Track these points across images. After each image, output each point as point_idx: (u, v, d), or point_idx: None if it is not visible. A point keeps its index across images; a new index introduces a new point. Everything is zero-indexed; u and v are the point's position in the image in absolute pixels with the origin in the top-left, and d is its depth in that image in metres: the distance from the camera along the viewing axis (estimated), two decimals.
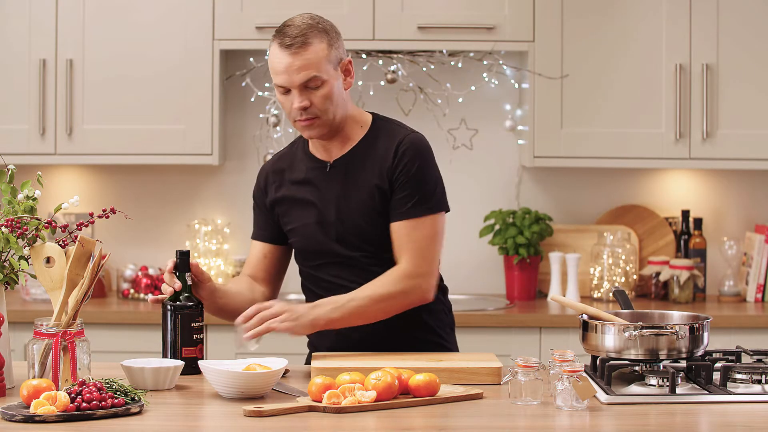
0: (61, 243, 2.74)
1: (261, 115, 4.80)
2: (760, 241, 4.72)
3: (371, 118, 3.14)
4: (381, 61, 4.74)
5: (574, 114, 4.59)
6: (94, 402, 2.43)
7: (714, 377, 2.74)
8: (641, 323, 2.77)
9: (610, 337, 2.74)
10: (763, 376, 2.70)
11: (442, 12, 4.58)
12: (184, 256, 2.95)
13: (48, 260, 2.72)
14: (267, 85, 4.78)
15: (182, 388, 2.75)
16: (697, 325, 2.75)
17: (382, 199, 3.04)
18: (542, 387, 2.59)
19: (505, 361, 2.99)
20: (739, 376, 2.73)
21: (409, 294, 3.02)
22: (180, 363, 2.78)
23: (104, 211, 2.78)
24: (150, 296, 2.98)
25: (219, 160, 4.64)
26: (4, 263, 2.72)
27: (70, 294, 2.68)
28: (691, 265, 4.67)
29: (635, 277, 4.78)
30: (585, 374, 2.59)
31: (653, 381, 2.70)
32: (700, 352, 2.76)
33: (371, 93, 4.84)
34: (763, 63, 4.58)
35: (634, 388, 2.69)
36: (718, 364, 2.76)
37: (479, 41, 4.59)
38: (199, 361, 2.70)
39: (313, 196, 3.11)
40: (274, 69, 3.00)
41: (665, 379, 2.68)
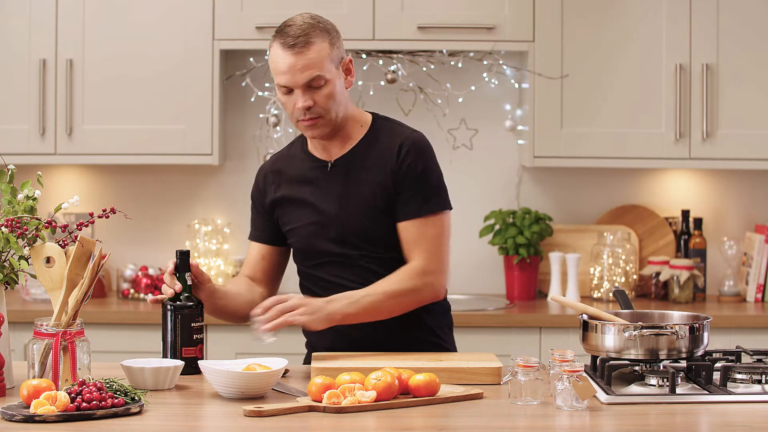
0: (61, 243, 2.74)
1: (261, 115, 4.81)
2: (760, 241, 4.72)
3: (371, 118, 3.15)
4: (381, 61, 4.74)
5: (574, 114, 4.59)
6: (94, 402, 2.43)
7: (714, 377, 2.74)
8: (641, 323, 2.77)
9: (610, 337, 2.74)
10: (763, 376, 2.70)
11: (442, 12, 4.58)
12: (184, 257, 2.95)
13: (48, 260, 2.72)
14: (267, 85, 4.78)
15: (182, 388, 2.75)
16: (697, 325, 2.75)
17: (385, 197, 3.05)
18: (542, 387, 2.59)
19: (505, 361, 2.99)
20: (739, 376, 2.73)
21: (422, 291, 3.04)
22: (180, 363, 2.78)
23: (104, 211, 2.78)
24: (150, 296, 2.98)
25: (219, 160, 4.64)
26: (4, 263, 2.72)
27: (70, 294, 2.68)
28: (691, 265, 4.67)
29: (635, 277, 4.78)
30: (585, 374, 2.59)
31: (653, 381, 2.70)
32: (700, 352, 2.76)
33: (371, 93, 4.84)
34: (763, 63, 4.58)
35: (634, 388, 2.69)
36: (718, 364, 2.76)
37: (479, 41, 4.59)
38: (199, 361, 2.70)
39: (313, 195, 3.11)
40: (277, 69, 2.99)
41: (665, 379, 2.68)
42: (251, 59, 4.77)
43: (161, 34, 4.59)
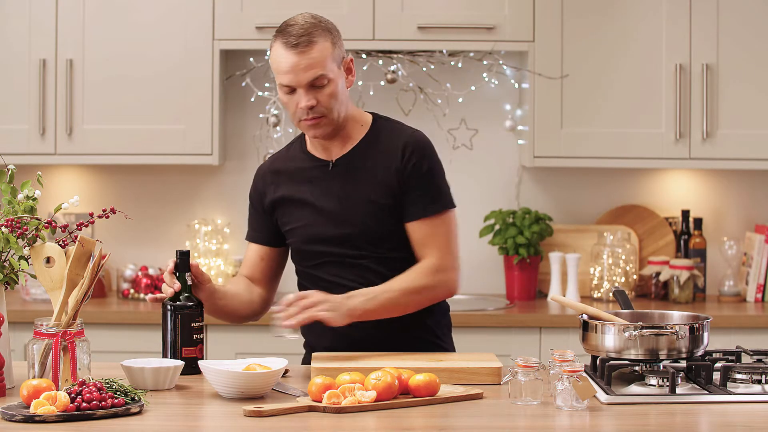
0: (61, 243, 2.74)
1: (261, 115, 4.80)
2: (760, 241, 4.72)
3: (372, 118, 3.15)
4: (381, 61, 4.74)
5: (574, 114, 4.59)
6: (94, 402, 2.42)
7: (714, 377, 2.74)
8: (641, 323, 2.77)
9: (610, 337, 2.74)
10: (763, 376, 2.70)
11: (442, 12, 4.58)
12: (184, 257, 2.95)
13: (48, 260, 2.72)
14: (267, 85, 4.78)
15: (182, 388, 2.75)
16: (697, 325, 2.75)
17: (390, 197, 3.05)
18: (542, 387, 2.59)
19: (505, 361, 2.99)
20: (739, 376, 2.73)
21: (437, 288, 3.06)
22: (180, 363, 2.78)
23: (104, 211, 2.78)
24: (150, 296, 2.97)
25: (219, 160, 4.64)
26: (4, 263, 2.72)
27: (70, 294, 2.68)
28: (691, 265, 4.67)
29: (635, 277, 4.77)
30: (585, 374, 2.59)
31: (653, 381, 2.70)
32: (700, 352, 2.76)
33: (371, 93, 4.84)
34: (763, 63, 4.58)
35: (634, 388, 2.69)
36: (718, 364, 2.76)
37: (479, 41, 4.59)
38: (199, 361, 2.70)
39: (314, 195, 3.11)
40: (279, 69, 2.99)
41: (665, 379, 2.68)
42: (251, 59, 4.77)
43: (161, 34, 4.59)
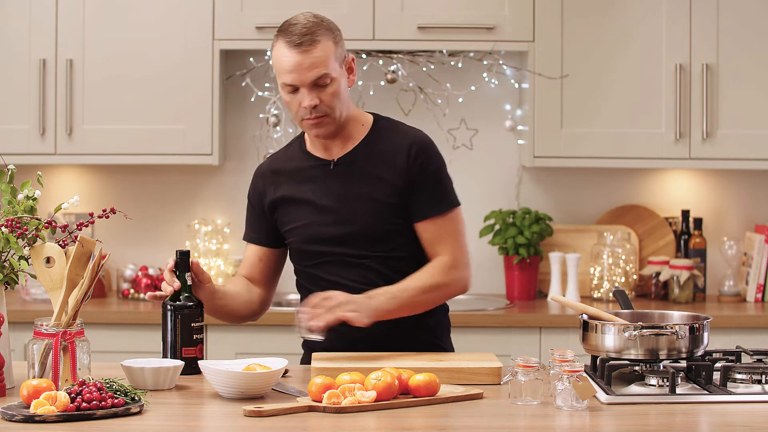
0: (61, 243, 2.74)
1: (261, 115, 4.80)
2: (760, 241, 4.72)
3: (372, 118, 3.15)
4: (381, 61, 4.74)
5: (574, 114, 4.59)
6: (94, 402, 2.42)
7: (714, 377, 2.74)
8: (641, 323, 2.77)
9: (610, 337, 2.74)
10: (763, 376, 2.70)
11: (442, 12, 4.58)
12: (184, 256, 2.95)
13: (48, 260, 2.72)
14: (267, 85, 4.78)
15: (182, 388, 2.75)
16: (697, 325, 2.75)
17: (395, 196, 3.05)
18: (542, 387, 2.59)
19: (505, 361, 2.99)
20: (739, 376, 2.73)
21: (452, 285, 3.08)
22: (180, 363, 2.78)
23: (104, 211, 2.78)
24: (150, 293, 2.97)
25: (219, 160, 4.64)
26: (4, 263, 2.72)
27: (70, 294, 2.68)
28: (691, 265, 4.67)
29: (635, 277, 4.77)
30: (585, 374, 2.59)
31: (653, 381, 2.70)
32: (700, 352, 2.76)
33: (371, 93, 4.83)
34: (763, 63, 4.58)
35: (634, 388, 2.69)
36: (718, 364, 2.76)
37: (479, 41, 4.59)
38: (199, 361, 2.70)
39: (315, 194, 3.10)
40: (282, 68, 2.98)
41: (665, 379, 2.68)
42: (251, 59, 4.77)
43: (161, 34, 4.59)
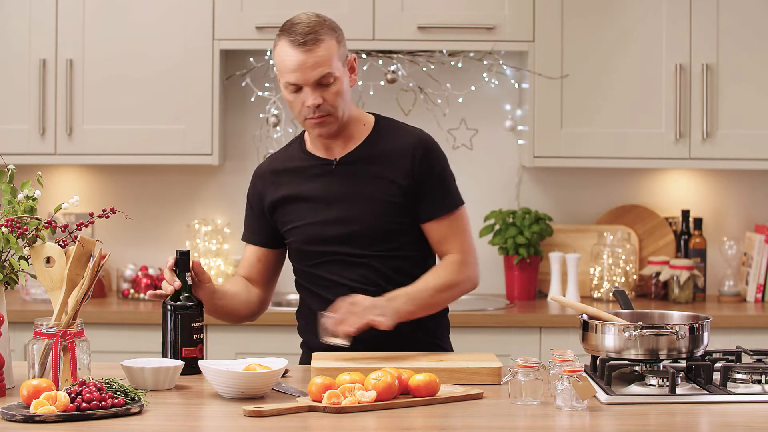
0: (61, 243, 2.74)
1: (261, 115, 4.80)
2: (760, 241, 4.72)
3: (373, 118, 3.15)
4: (381, 61, 4.74)
5: (574, 114, 4.59)
6: (94, 402, 2.42)
7: (714, 377, 2.74)
8: (641, 323, 2.77)
9: (610, 337, 2.74)
10: (763, 376, 2.70)
11: (442, 12, 4.58)
12: (184, 256, 2.95)
13: (48, 260, 2.71)
14: (267, 85, 4.78)
15: (182, 388, 2.75)
16: (697, 325, 2.75)
17: (400, 196, 3.06)
18: (542, 387, 2.59)
19: (505, 361, 2.99)
20: (739, 376, 2.73)
21: (464, 283, 3.11)
22: (180, 363, 2.78)
23: (104, 211, 2.78)
24: (149, 293, 2.97)
25: (219, 160, 4.64)
26: (4, 263, 2.72)
27: (70, 294, 2.67)
28: (691, 265, 4.67)
29: (635, 277, 4.77)
30: (585, 374, 2.59)
31: (653, 381, 2.70)
32: (700, 352, 2.76)
33: (371, 93, 4.83)
34: (763, 63, 4.58)
35: (634, 388, 2.69)
36: (718, 364, 2.76)
37: (479, 41, 4.59)
38: (199, 361, 2.70)
39: (317, 193, 3.10)
40: (285, 67, 2.98)
41: (665, 379, 2.68)
42: (251, 59, 4.77)
43: (161, 34, 4.59)
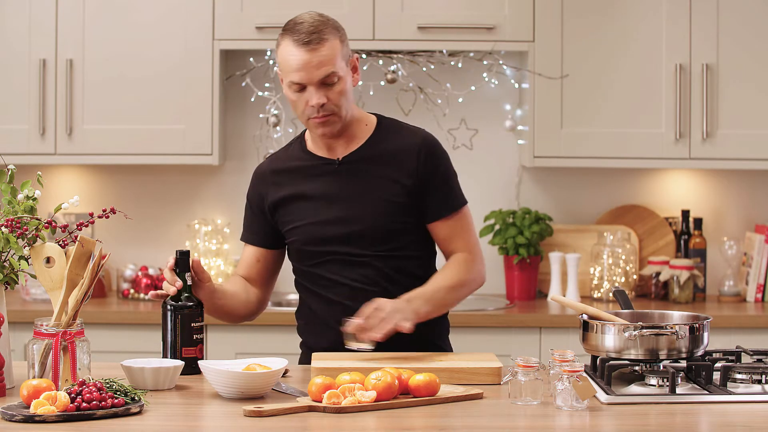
0: (61, 243, 2.74)
1: (261, 115, 4.80)
2: (760, 241, 4.72)
3: (376, 118, 3.15)
4: (381, 61, 4.74)
5: (574, 114, 4.59)
6: (94, 402, 2.42)
7: (714, 377, 2.74)
8: (641, 323, 2.77)
9: (610, 337, 2.74)
10: (763, 376, 2.70)
11: (442, 12, 4.58)
12: (184, 256, 2.95)
13: (48, 260, 2.72)
14: (267, 85, 4.78)
15: (182, 388, 2.75)
16: (697, 325, 2.75)
17: (404, 195, 3.06)
18: (542, 387, 2.59)
19: (505, 361, 2.99)
20: (739, 376, 2.73)
21: (474, 281, 3.13)
22: (180, 363, 2.78)
23: (104, 211, 2.78)
24: (151, 293, 2.97)
25: (219, 160, 4.64)
26: (4, 263, 2.72)
27: (70, 294, 2.68)
28: (691, 265, 4.67)
29: (635, 277, 4.77)
30: (585, 374, 2.59)
31: (653, 381, 2.70)
32: (700, 352, 2.76)
33: (371, 93, 4.84)
34: (763, 63, 4.58)
35: (634, 388, 2.69)
36: (718, 364, 2.76)
37: (479, 41, 4.59)
38: (199, 361, 2.70)
39: (319, 193, 3.10)
40: (290, 66, 2.98)
41: (665, 379, 2.68)
42: (251, 59, 4.77)
43: (161, 34, 4.59)
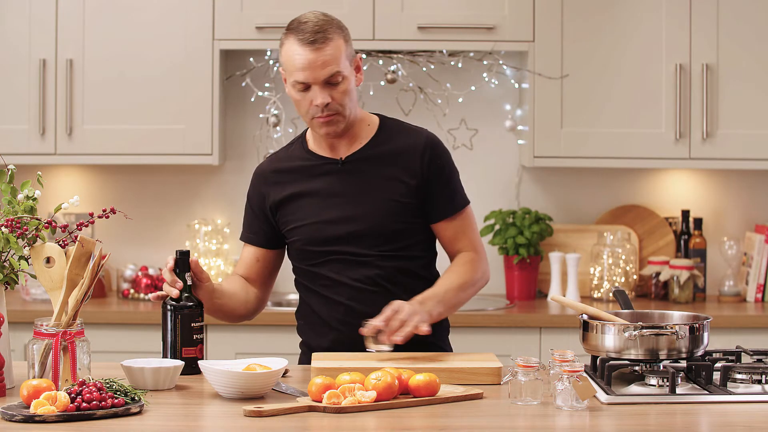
0: (61, 243, 2.74)
1: (261, 115, 4.80)
2: (760, 241, 4.72)
3: (378, 118, 3.15)
4: (381, 61, 4.74)
5: (574, 114, 4.59)
6: (94, 402, 2.42)
7: (714, 377, 2.74)
8: (641, 323, 2.77)
9: (610, 337, 2.74)
10: (763, 376, 2.70)
11: (442, 12, 4.58)
12: (184, 256, 2.95)
13: (48, 260, 2.72)
14: (267, 85, 4.78)
15: (182, 388, 2.75)
16: (697, 325, 2.75)
17: (409, 195, 3.06)
18: (542, 387, 2.59)
19: (505, 361, 2.99)
20: (739, 376, 2.73)
21: (481, 279, 3.15)
22: (180, 363, 2.78)
23: (104, 211, 2.78)
24: (152, 294, 2.96)
25: (219, 160, 4.64)
26: (4, 263, 2.72)
27: (70, 294, 2.68)
28: (691, 265, 4.67)
29: (635, 277, 4.77)
30: (585, 374, 2.59)
31: (653, 381, 2.70)
32: (700, 352, 2.76)
33: (371, 93, 4.84)
34: (763, 63, 4.58)
35: (634, 388, 2.69)
36: (718, 364, 2.76)
37: (479, 41, 4.59)
38: (199, 361, 2.70)
39: (322, 193, 3.09)
40: (294, 66, 2.97)
41: (665, 379, 2.68)
42: (251, 59, 4.77)
43: (161, 34, 4.59)
